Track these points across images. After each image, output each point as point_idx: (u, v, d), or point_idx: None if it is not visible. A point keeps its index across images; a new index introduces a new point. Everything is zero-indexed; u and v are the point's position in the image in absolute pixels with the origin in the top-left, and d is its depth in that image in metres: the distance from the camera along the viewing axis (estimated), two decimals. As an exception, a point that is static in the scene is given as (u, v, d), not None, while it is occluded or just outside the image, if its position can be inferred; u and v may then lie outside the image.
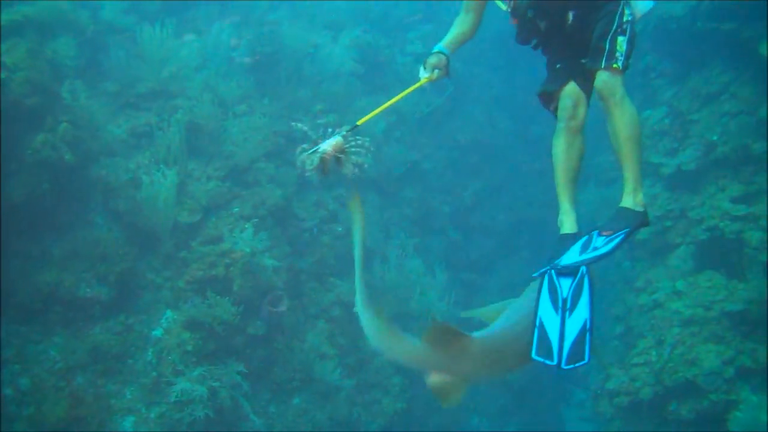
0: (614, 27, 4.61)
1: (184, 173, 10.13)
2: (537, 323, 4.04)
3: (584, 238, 4.37)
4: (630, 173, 4.46)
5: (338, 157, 4.05)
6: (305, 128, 4.18)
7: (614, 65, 4.53)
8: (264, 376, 9.85)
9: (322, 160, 4.09)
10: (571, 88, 4.78)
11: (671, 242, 11.63)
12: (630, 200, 4.43)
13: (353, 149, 4.11)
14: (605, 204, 13.31)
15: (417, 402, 11.14)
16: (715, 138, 11.57)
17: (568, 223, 4.73)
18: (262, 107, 11.57)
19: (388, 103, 4.92)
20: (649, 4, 4.75)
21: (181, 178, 9.93)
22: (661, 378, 10.23)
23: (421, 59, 5.07)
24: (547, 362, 3.90)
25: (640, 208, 4.42)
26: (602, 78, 4.55)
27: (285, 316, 9.99)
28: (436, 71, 5.01)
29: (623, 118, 4.50)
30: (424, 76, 5.09)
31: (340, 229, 11.51)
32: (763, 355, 9.77)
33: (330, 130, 4.10)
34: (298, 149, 4.13)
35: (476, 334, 4.26)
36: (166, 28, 11.11)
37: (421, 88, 5.15)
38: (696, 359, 10.06)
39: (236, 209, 10.17)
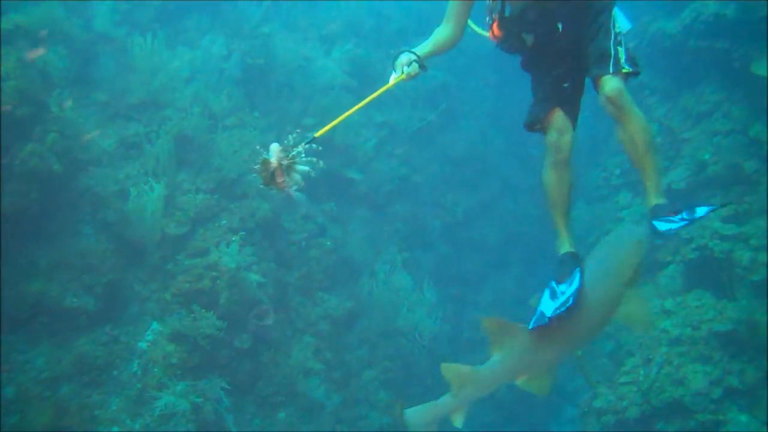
0: (613, 36, 4.77)
1: (172, 185, 10.29)
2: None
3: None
4: (651, 181, 4.70)
5: (285, 166, 4.08)
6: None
7: (623, 70, 4.67)
8: (249, 390, 10.02)
9: (268, 169, 4.12)
10: (557, 117, 4.98)
11: (661, 261, 11.79)
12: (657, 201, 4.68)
13: (300, 159, 4.13)
14: (597, 220, 13.56)
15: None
16: (707, 157, 11.77)
17: (566, 244, 5.07)
18: (253, 120, 11.75)
19: (352, 110, 4.89)
20: (628, 25, 4.90)
21: (169, 189, 10.10)
22: (649, 397, 10.36)
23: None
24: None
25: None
26: (613, 84, 4.65)
27: (271, 330, 10.16)
28: (406, 69, 4.94)
29: (639, 123, 4.68)
30: (393, 77, 5.04)
31: (328, 243, 11.70)
32: (750, 376, 9.89)
33: (290, 141, 4.14)
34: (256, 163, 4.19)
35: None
36: (158, 39, 11.31)
37: (413, 105, 5.22)
38: (684, 379, 10.19)
39: (224, 222, 10.33)
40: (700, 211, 4.51)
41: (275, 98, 12.64)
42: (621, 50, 4.74)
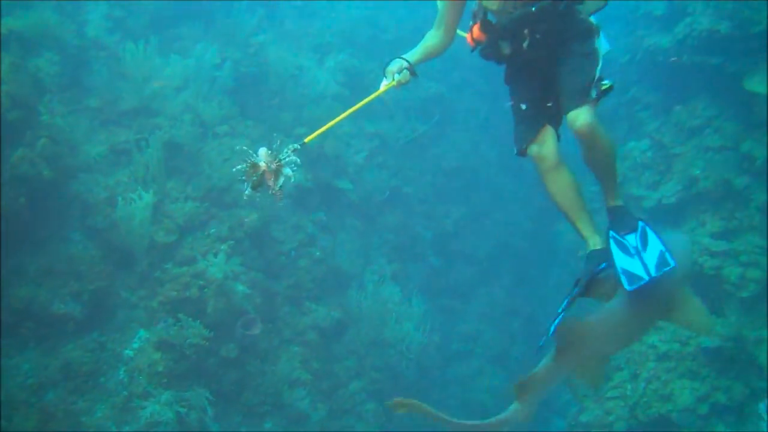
0: (598, 71, 4.84)
1: (162, 192, 10.41)
2: (620, 270, 4.70)
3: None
4: (610, 189, 5.02)
5: (274, 169, 4.14)
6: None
7: (593, 97, 4.76)
8: (235, 400, 10.10)
9: (258, 172, 4.16)
10: (543, 136, 5.06)
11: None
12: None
13: (288, 163, 4.19)
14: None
15: (390, 428, 11.32)
16: (697, 172, 11.84)
17: (593, 242, 5.03)
18: (244, 128, 11.88)
19: (341, 116, 4.86)
20: (607, 47, 4.99)
21: (158, 197, 10.21)
22: (636, 412, 10.46)
23: (408, 83, 5.19)
24: (642, 282, 4.61)
25: None
26: (584, 119, 4.71)
27: (258, 339, 10.25)
28: (397, 76, 4.98)
29: (606, 146, 4.83)
30: (384, 84, 5.05)
31: (318, 253, 11.82)
32: (738, 393, 9.99)
33: (274, 147, 4.19)
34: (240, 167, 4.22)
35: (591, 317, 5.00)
36: (150, 46, 11.42)
37: (405, 116, 5.20)
38: (671, 395, 10.29)
39: (213, 230, 10.45)
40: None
41: (267, 107, 12.80)
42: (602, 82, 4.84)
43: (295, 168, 4.22)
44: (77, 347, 9.09)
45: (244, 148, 4.24)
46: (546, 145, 5.03)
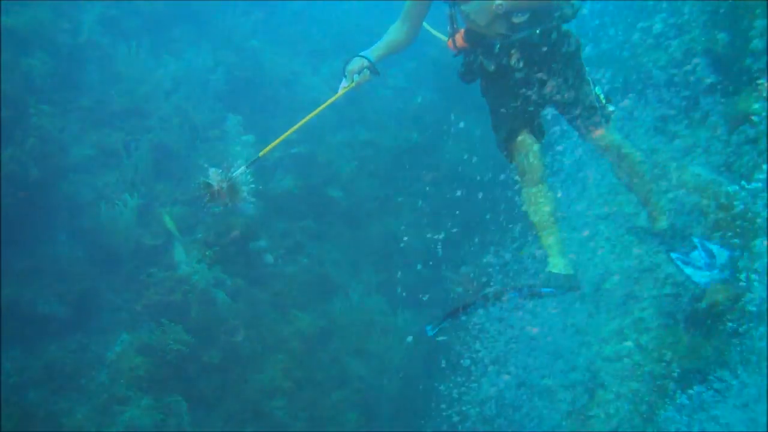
0: (590, 81, 4.96)
1: (150, 195, 10.59)
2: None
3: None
4: (652, 206, 5.08)
5: (226, 188, 4.34)
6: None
7: (612, 114, 4.91)
8: (216, 406, 10.24)
9: (211, 191, 4.38)
10: (522, 140, 4.98)
11: (637, 295, 12.02)
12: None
13: (241, 180, 4.36)
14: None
15: (371, 438, 11.49)
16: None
17: (554, 262, 4.93)
18: (236, 133, 12.04)
19: (292, 129, 5.08)
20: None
21: (147, 199, 10.42)
22: (618, 433, 10.60)
23: (402, 92, 4.97)
24: None
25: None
26: (610, 137, 4.87)
27: (241, 346, 10.40)
28: (356, 77, 5.05)
29: (634, 160, 4.93)
30: (343, 85, 5.12)
31: (305, 260, 11.96)
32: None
33: (237, 164, 4.37)
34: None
35: None
36: (143, 47, 11.63)
37: (398, 124, 5.08)
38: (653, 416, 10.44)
39: (200, 235, 10.65)
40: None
41: (260, 112, 12.98)
42: (600, 95, 4.96)
43: (249, 185, 4.39)
44: (60, 348, 9.34)
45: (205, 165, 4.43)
46: (531, 156, 4.97)
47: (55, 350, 9.25)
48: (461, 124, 15.91)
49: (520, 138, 5.01)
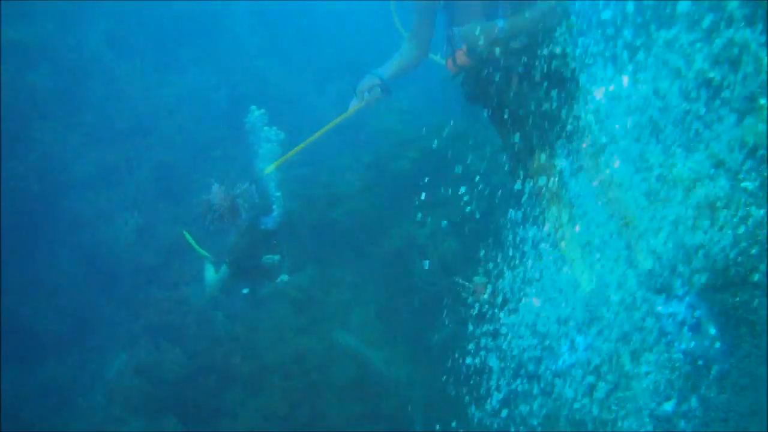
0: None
1: (151, 213, 10.55)
2: None
3: None
4: None
5: (228, 205, 4.31)
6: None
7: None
8: (213, 428, 10.15)
9: (216, 209, 4.34)
10: (539, 165, 4.81)
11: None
12: None
13: (243, 197, 4.31)
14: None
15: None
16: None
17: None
18: (238, 152, 12.02)
19: (301, 145, 5.07)
20: None
21: (148, 218, 10.37)
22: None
23: (404, 115, 4.75)
24: None
25: None
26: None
27: (240, 368, 10.34)
28: (366, 95, 4.90)
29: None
30: (353, 104, 4.99)
31: (305, 283, 11.89)
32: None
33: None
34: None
35: None
36: (148, 65, 11.65)
37: (403, 145, 4.91)
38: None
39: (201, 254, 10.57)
40: None
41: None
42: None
43: (250, 202, 4.35)
44: (57, 365, 9.33)
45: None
46: (551, 178, 4.78)
47: (52, 368, 9.25)
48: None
49: (537, 158, 4.84)
